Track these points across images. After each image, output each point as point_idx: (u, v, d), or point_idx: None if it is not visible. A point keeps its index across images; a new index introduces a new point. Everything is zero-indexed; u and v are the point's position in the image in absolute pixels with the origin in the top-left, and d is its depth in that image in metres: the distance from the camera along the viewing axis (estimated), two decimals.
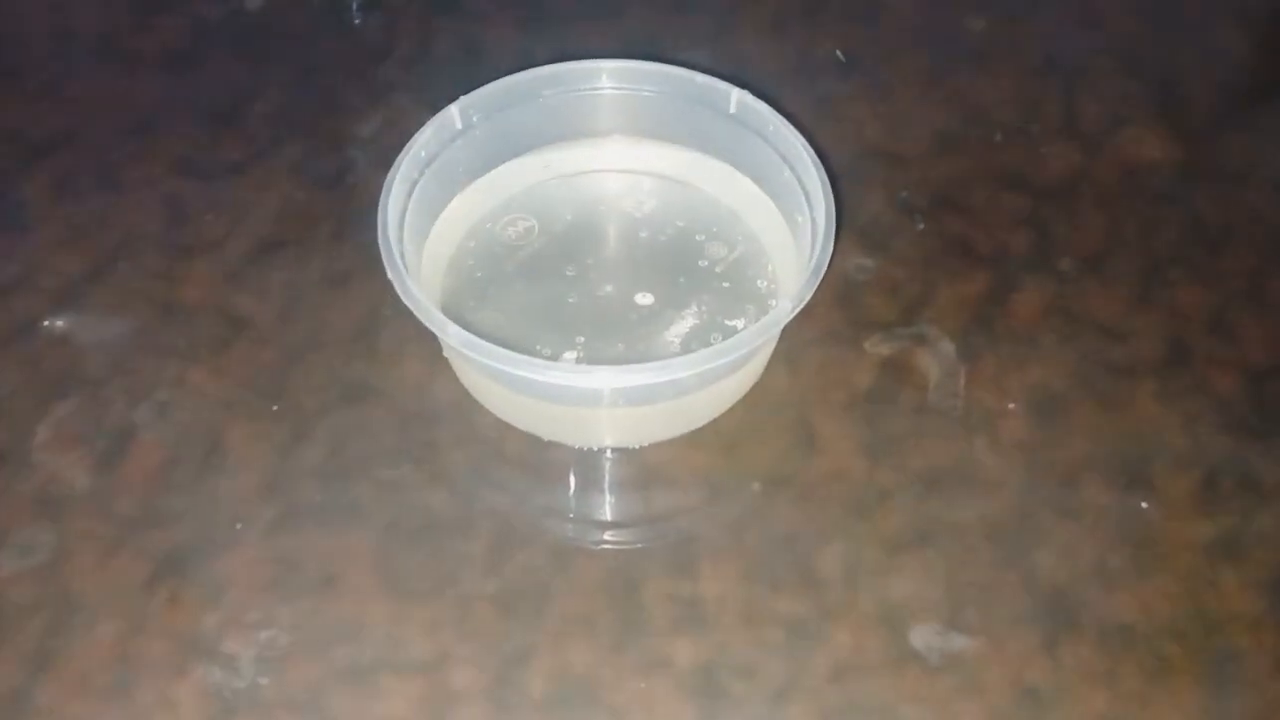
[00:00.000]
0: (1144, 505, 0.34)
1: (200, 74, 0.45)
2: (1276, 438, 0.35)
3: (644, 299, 0.36)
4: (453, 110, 0.36)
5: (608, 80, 0.37)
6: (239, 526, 0.33)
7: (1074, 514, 0.34)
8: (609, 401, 0.33)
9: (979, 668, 0.31)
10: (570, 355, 0.35)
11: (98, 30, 0.47)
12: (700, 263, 0.37)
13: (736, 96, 0.36)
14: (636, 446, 0.35)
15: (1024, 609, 0.32)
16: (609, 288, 0.37)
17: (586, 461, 0.35)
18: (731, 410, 0.35)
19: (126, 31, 0.47)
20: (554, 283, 0.37)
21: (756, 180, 0.37)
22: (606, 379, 0.31)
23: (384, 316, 0.37)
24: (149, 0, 0.48)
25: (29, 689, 0.30)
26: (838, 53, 0.46)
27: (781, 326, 0.32)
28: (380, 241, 0.32)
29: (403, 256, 0.32)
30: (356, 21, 0.47)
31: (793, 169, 0.35)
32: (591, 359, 0.35)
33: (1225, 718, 0.30)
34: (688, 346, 0.35)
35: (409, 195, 0.35)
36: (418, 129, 0.35)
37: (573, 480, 0.35)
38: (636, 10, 0.47)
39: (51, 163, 0.42)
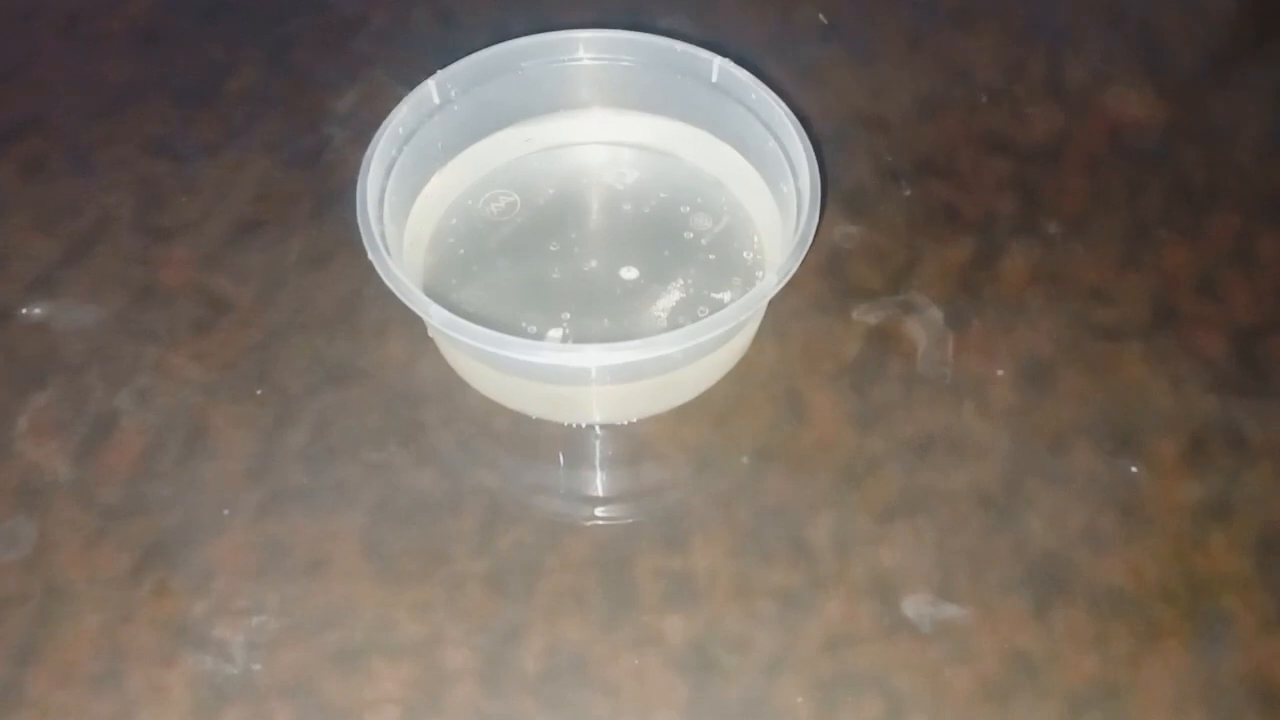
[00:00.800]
0: (1132, 469, 0.34)
1: (171, 51, 0.44)
2: (1264, 397, 0.35)
3: (629, 273, 0.36)
4: (430, 85, 0.35)
5: (586, 51, 0.37)
6: (225, 512, 0.33)
7: (1063, 479, 0.34)
8: (596, 379, 0.33)
9: (970, 635, 0.31)
10: (556, 332, 0.35)
11: (64, 8, 0.46)
12: (685, 235, 0.37)
13: (718, 65, 0.36)
14: (625, 422, 0.35)
15: (1014, 575, 0.32)
16: (593, 262, 0.36)
17: (575, 438, 0.35)
18: (719, 383, 0.35)
19: (94, 9, 0.46)
20: (538, 259, 0.37)
21: (740, 150, 0.37)
22: (594, 357, 0.31)
23: (366, 296, 0.37)
24: None
25: (17, 680, 0.30)
26: (820, 16, 0.45)
27: (767, 300, 0.32)
28: (360, 222, 0.32)
29: (383, 236, 0.32)
30: None
31: (777, 138, 0.35)
32: (578, 335, 0.35)
33: (1215, 678, 0.30)
34: (674, 320, 0.35)
35: (388, 173, 0.34)
36: (395, 104, 0.35)
37: (561, 457, 0.34)
38: None
39: (20, 146, 0.41)
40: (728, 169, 0.38)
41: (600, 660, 0.30)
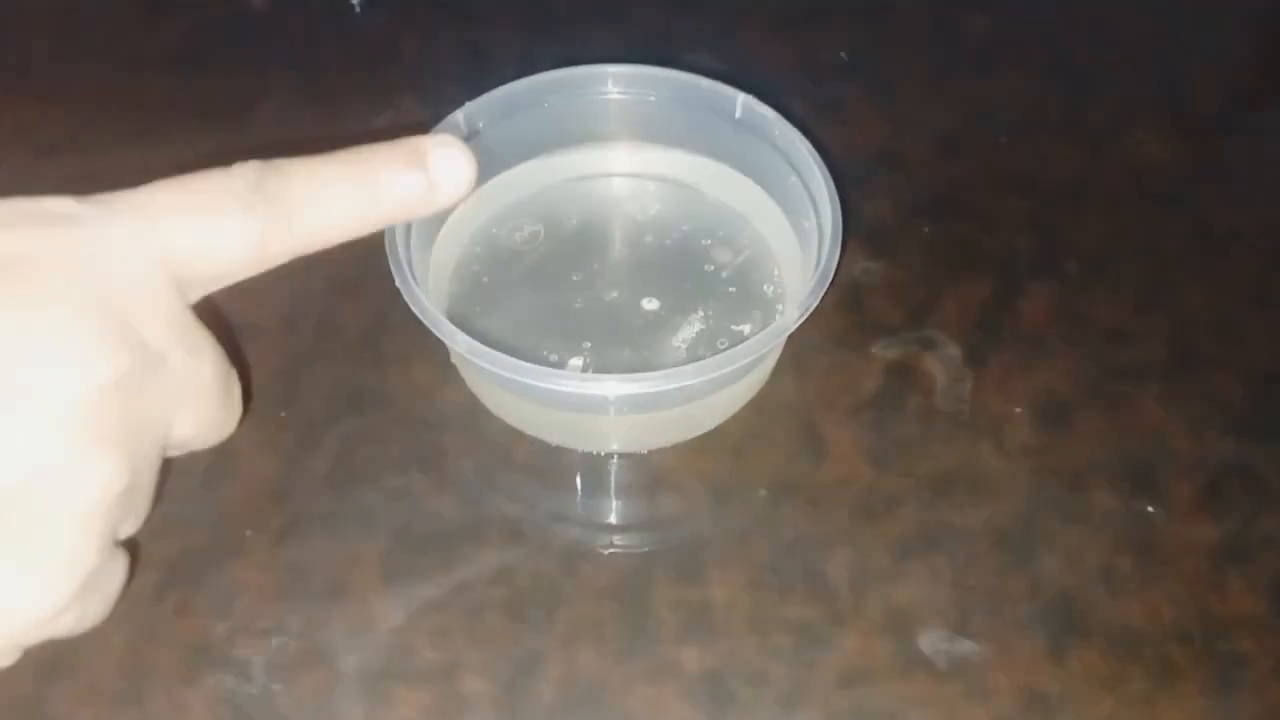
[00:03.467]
0: (1149, 509, 0.34)
1: (205, 75, 0.45)
2: None
3: (650, 304, 0.37)
4: (459, 116, 0.36)
5: (613, 85, 0.37)
6: (248, 534, 0.33)
7: (1080, 518, 0.34)
8: (616, 408, 0.33)
9: (986, 673, 0.31)
10: (577, 361, 0.35)
11: (103, 31, 0.47)
12: (706, 267, 0.37)
13: (742, 101, 0.36)
14: (644, 452, 0.35)
15: (1030, 614, 0.32)
16: (615, 293, 0.37)
17: (594, 467, 0.35)
18: (738, 415, 0.35)
19: (131, 33, 0.46)
20: (560, 288, 0.37)
21: (762, 185, 0.37)
22: (614, 388, 0.31)
23: (391, 322, 0.37)
24: (154, 1, 0.47)
25: (41, 697, 0.30)
26: (842, 54, 0.46)
27: (788, 333, 0.32)
28: (388, 250, 0.32)
29: (410, 264, 0.32)
30: (357, 10, 0.46)
31: (799, 174, 0.35)
32: (598, 365, 0.35)
33: None
34: (694, 352, 0.35)
35: None
36: (422, 132, 0.35)
37: (580, 486, 0.35)
38: (639, 11, 0.47)
39: (57, 165, 0.42)
40: (749, 203, 0.38)
41: (617, 689, 0.31)
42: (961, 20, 0.47)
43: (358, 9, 0.47)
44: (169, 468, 0.34)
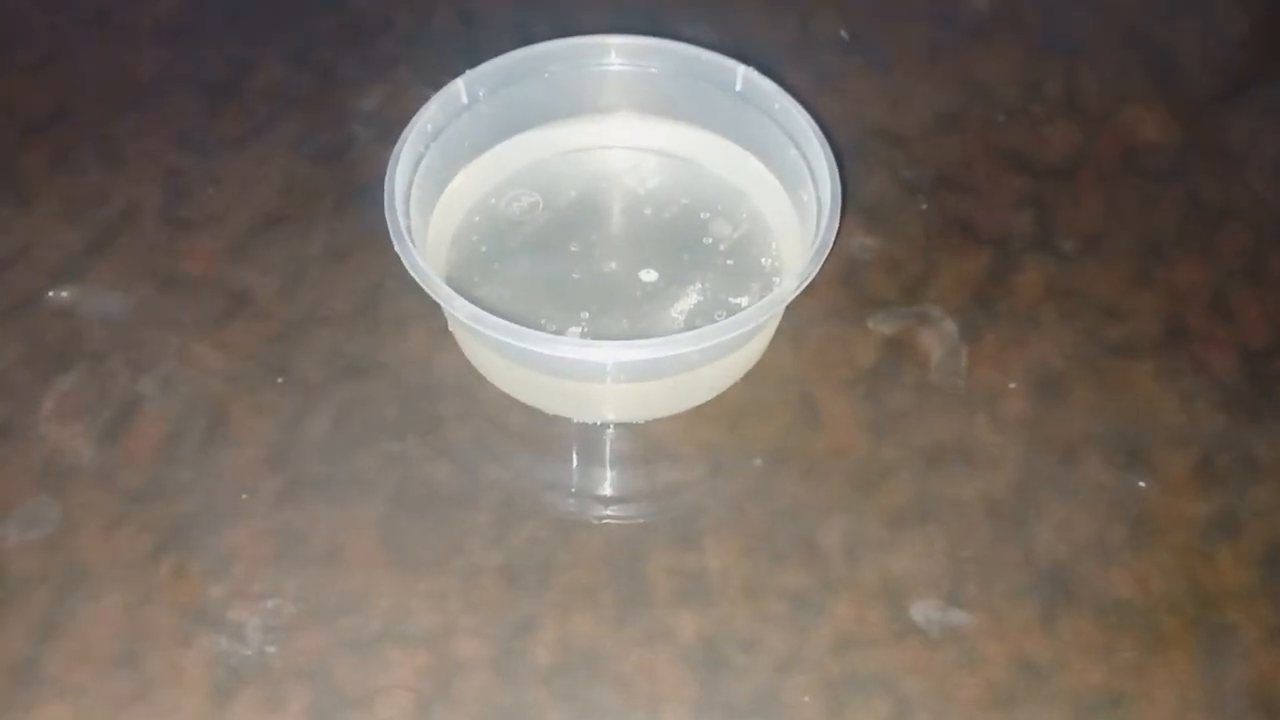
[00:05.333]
0: (1141, 483, 0.34)
1: (197, 47, 0.45)
2: (1273, 416, 0.36)
3: (648, 276, 0.37)
4: (458, 84, 0.36)
5: (614, 56, 0.37)
6: (244, 498, 0.33)
7: (1073, 491, 0.34)
8: (612, 376, 0.33)
9: (978, 641, 0.31)
10: (575, 330, 0.35)
11: (93, 3, 0.46)
12: (704, 240, 0.38)
13: (743, 74, 0.36)
14: (640, 421, 0.35)
15: (1023, 584, 0.32)
16: (613, 264, 0.37)
17: (590, 436, 0.35)
18: (735, 386, 0.36)
19: (123, 4, 0.46)
20: (558, 259, 0.37)
21: (762, 158, 0.37)
22: (610, 354, 0.31)
23: (387, 291, 0.37)
24: None
25: (37, 658, 0.30)
26: (842, 32, 0.46)
27: (785, 304, 0.32)
28: (387, 215, 0.32)
29: (409, 230, 0.32)
30: None
31: (798, 147, 0.35)
32: (596, 334, 0.35)
33: (1220, 690, 0.31)
34: (691, 323, 0.36)
35: (414, 169, 0.35)
36: (419, 103, 0.35)
37: (576, 454, 0.35)
38: None
39: (49, 137, 0.42)
40: (749, 177, 0.38)
41: (612, 655, 0.31)
42: None
43: None
44: (165, 433, 0.34)
